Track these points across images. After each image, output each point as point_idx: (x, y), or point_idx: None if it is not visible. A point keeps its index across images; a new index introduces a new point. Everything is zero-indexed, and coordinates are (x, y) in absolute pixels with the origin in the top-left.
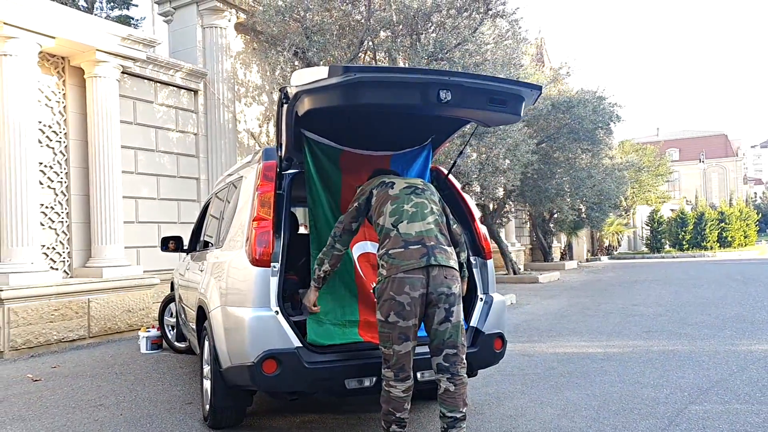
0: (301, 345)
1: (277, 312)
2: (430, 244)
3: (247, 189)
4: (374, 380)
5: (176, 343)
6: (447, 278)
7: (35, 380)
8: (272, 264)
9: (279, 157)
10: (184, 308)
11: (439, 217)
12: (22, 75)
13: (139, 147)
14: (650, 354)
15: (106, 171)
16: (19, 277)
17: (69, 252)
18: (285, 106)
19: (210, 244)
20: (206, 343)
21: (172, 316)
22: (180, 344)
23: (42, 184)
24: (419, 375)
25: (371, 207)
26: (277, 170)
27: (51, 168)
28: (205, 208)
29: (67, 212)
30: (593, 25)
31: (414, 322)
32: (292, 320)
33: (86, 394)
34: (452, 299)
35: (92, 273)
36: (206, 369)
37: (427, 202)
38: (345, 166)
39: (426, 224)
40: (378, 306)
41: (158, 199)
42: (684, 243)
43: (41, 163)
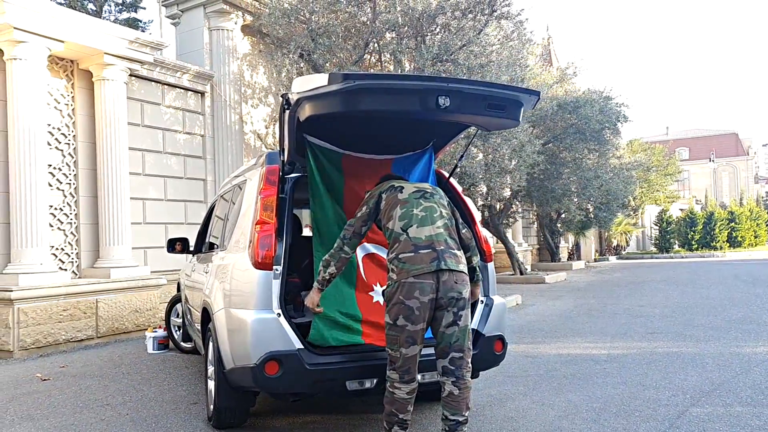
0: (303, 347)
1: (279, 314)
2: (440, 249)
3: (251, 192)
4: (375, 382)
5: (182, 344)
6: (457, 283)
7: (44, 380)
8: (274, 267)
9: (282, 162)
10: (190, 309)
11: (449, 221)
12: (32, 78)
13: (147, 149)
14: (654, 355)
15: (114, 172)
16: (29, 278)
17: (77, 253)
18: (287, 112)
19: (215, 246)
20: (210, 344)
21: (179, 317)
22: (186, 344)
23: (51, 186)
24: (420, 376)
25: (380, 211)
26: (280, 174)
27: (60, 170)
28: (211, 210)
29: (76, 213)
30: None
31: (422, 327)
32: (294, 322)
33: (93, 394)
34: (461, 303)
35: (100, 273)
36: (210, 370)
37: (437, 206)
38: (347, 170)
39: (436, 228)
40: (387, 309)
41: (165, 201)
42: (693, 243)
43: (50, 165)
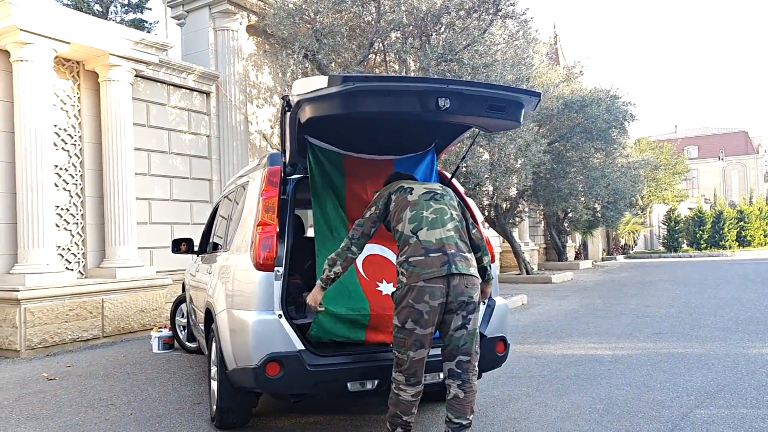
0: (304, 348)
1: (281, 315)
2: (451, 252)
3: (253, 193)
4: (376, 383)
5: (187, 343)
6: (468, 287)
7: (50, 379)
8: (276, 268)
9: (283, 163)
10: (194, 309)
11: (459, 223)
12: (38, 80)
13: (152, 149)
14: (659, 356)
15: (120, 173)
16: (35, 278)
17: (84, 253)
18: (288, 114)
19: (219, 246)
20: (213, 345)
21: (184, 317)
22: (191, 344)
23: (57, 187)
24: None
25: (389, 212)
26: (282, 175)
27: (66, 170)
28: (215, 210)
29: (82, 214)
30: (612, 22)
31: (431, 331)
32: (295, 323)
33: (99, 394)
34: (471, 307)
35: (106, 273)
36: (214, 370)
37: (447, 208)
38: (348, 171)
39: (446, 231)
40: (396, 311)
41: (171, 201)
42: (702, 242)
43: (57, 166)
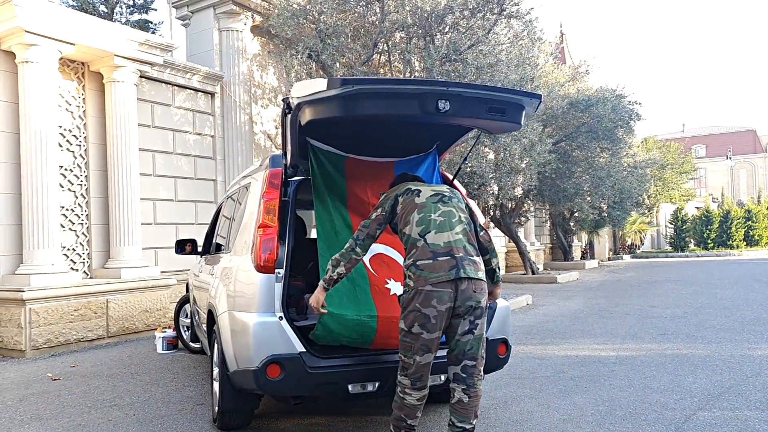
0: (305, 350)
1: (281, 317)
2: (459, 256)
3: (255, 195)
4: (377, 385)
5: (191, 344)
6: (476, 292)
7: (54, 379)
8: (276, 270)
9: (284, 165)
10: (198, 310)
11: (467, 226)
12: (43, 81)
13: (157, 149)
14: (663, 358)
15: (125, 173)
16: (41, 278)
17: (88, 253)
18: (288, 116)
19: (222, 247)
20: (215, 346)
21: (187, 317)
22: (195, 344)
23: (62, 187)
24: None
25: (396, 215)
26: (283, 177)
27: (71, 171)
28: (219, 210)
29: (87, 214)
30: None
31: (438, 335)
32: (296, 325)
33: (102, 394)
34: (478, 312)
35: (111, 274)
36: (216, 371)
37: (455, 211)
38: (349, 173)
39: (454, 234)
40: (402, 315)
41: (176, 201)
42: (709, 241)
43: (62, 167)
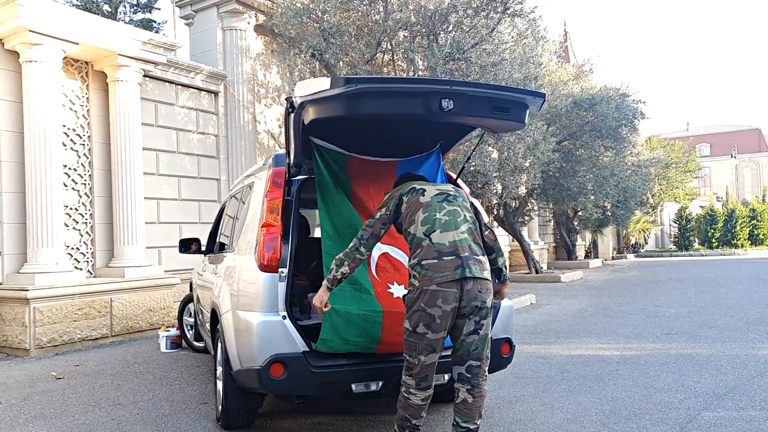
0: (308, 349)
1: (285, 317)
2: (464, 255)
3: (259, 194)
4: (381, 384)
5: (195, 343)
6: (481, 292)
7: (59, 378)
8: (280, 269)
9: (288, 164)
10: (201, 309)
11: (473, 225)
12: (47, 80)
13: (161, 149)
14: (668, 357)
15: (129, 173)
16: (45, 278)
17: (92, 252)
18: (291, 115)
19: (225, 246)
20: (219, 345)
21: (191, 316)
22: (198, 343)
23: (66, 186)
24: None
25: (400, 214)
26: (287, 176)
27: (75, 170)
28: (222, 209)
29: (91, 213)
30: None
31: (443, 335)
32: (300, 325)
33: (106, 393)
34: (484, 312)
35: (115, 273)
36: (219, 370)
37: (460, 210)
38: (353, 172)
39: (459, 233)
40: (407, 315)
41: (179, 200)
42: (713, 241)
43: (65, 166)
